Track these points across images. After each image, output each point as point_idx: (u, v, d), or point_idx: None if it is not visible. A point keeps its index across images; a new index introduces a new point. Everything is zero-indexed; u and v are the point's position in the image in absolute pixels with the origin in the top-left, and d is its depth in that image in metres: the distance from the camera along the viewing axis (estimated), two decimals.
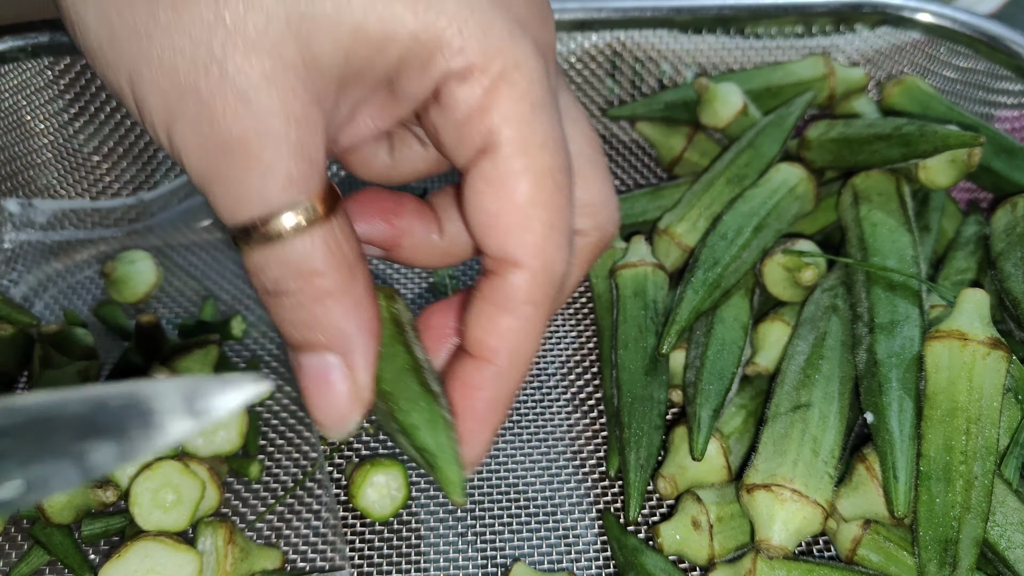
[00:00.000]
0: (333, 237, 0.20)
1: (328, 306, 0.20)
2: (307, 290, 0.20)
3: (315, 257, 0.20)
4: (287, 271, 0.20)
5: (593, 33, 0.43)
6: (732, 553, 0.32)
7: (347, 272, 0.20)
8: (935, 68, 0.45)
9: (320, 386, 0.21)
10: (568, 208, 0.21)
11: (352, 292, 0.20)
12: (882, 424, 0.31)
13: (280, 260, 0.20)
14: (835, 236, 0.42)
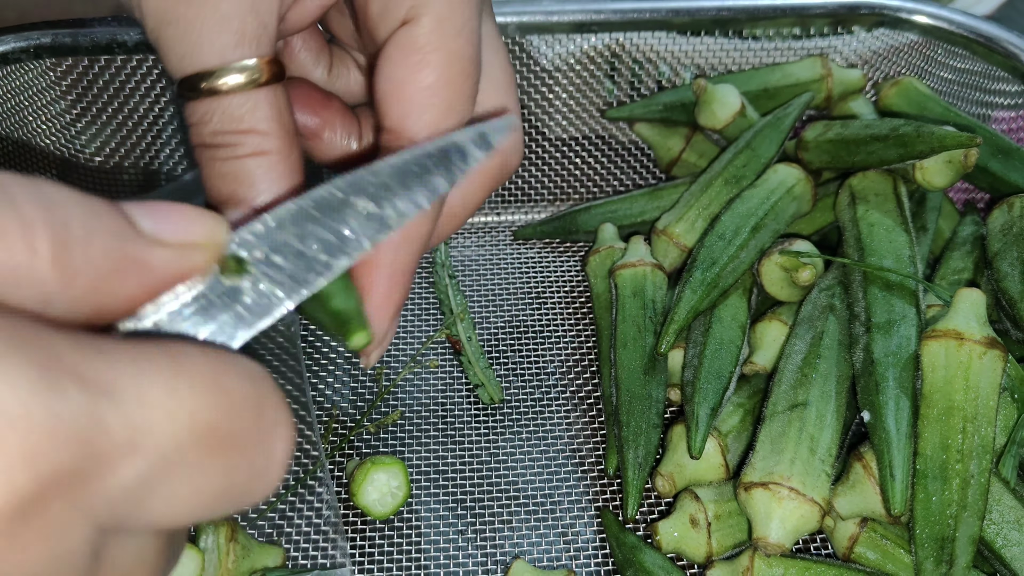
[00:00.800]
0: (277, 102, 0.20)
1: (263, 164, 0.20)
2: (247, 144, 0.20)
3: (258, 116, 0.20)
4: (229, 124, 0.20)
5: (592, 35, 0.43)
6: (730, 551, 0.32)
7: (286, 139, 0.21)
8: (932, 69, 0.45)
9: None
10: (470, 99, 0.21)
11: (288, 159, 0.21)
12: (879, 423, 0.31)
13: (224, 113, 0.20)
14: (832, 236, 0.42)
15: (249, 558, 0.31)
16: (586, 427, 0.38)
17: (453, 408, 0.39)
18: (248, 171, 0.20)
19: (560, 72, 0.45)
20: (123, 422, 0.11)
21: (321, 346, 0.41)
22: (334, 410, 0.38)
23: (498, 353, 0.41)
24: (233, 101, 0.20)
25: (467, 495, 0.35)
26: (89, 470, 0.11)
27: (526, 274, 0.45)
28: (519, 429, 0.38)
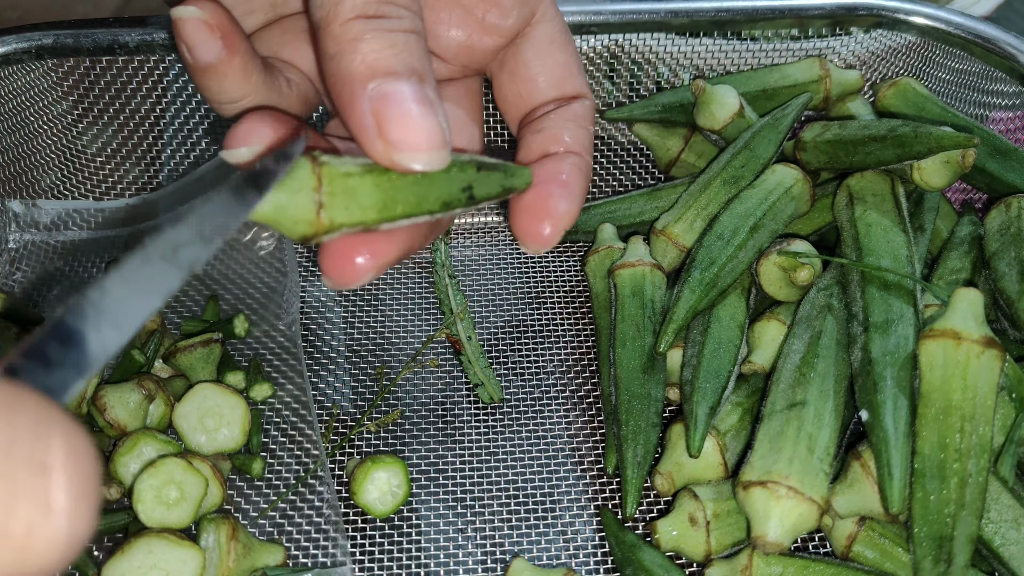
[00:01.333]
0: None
1: (417, 38, 0.21)
2: (408, 19, 0.21)
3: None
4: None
5: (591, 36, 0.43)
6: (729, 549, 0.32)
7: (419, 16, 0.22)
8: (930, 70, 0.45)
9: (422, 107, 0.20)
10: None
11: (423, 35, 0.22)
12: (877, 422, 0.31)
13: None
14: (830, 236, 0.42)
15: (250, 556, 0.31)
16: (585, 426, 0.38)
17: (453, 407, 0.39)
18: (409, 43, 0.21)
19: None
20: None
21: (321, 345, 0.41)
22: (334, 409, 0.39)
23: (498, 353, 0.41)
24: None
25: (467, 494, 0.35)
26: None
27: (526, 274, 0.45)
28: (519, 428, 0.38)
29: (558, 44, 0.26)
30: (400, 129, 0.19)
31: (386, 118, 0.19)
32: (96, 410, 0.34)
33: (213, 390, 0.35)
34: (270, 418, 0.38)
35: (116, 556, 0.30)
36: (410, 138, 0.19)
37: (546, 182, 0.24)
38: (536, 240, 0.23)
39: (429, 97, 0.20)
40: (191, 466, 0.32)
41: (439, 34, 0.25)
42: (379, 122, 0.19)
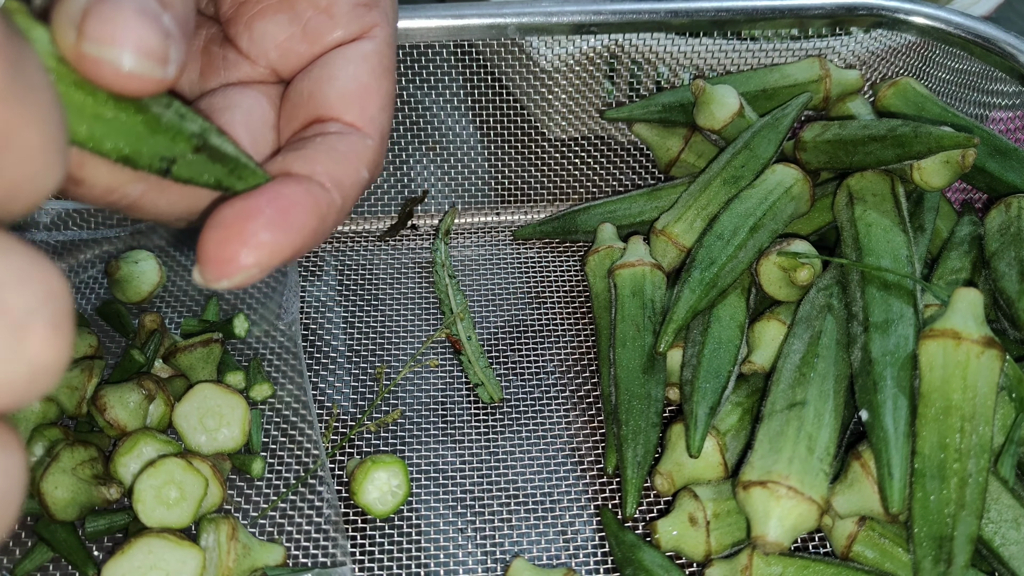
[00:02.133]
0: None
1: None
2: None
3: None
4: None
5: (591, 36, 0.43)
6: (729, 549, 0.32)
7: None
8: (929, 70, 0.45)
9: (123, 10, 0.15)
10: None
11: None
12: (877, 422, 0.31)
13: None
14: (830, 236, 0.42)
15: (250, 556, 0.31)
16: (585, 426, 0.38)
17: (453, 407, 0.39)
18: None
19: (559, 73, 0.45)
20: None
21: (322, 345, 0.41)
22: (335, 409, 0.39)
23: (498, 353, 0.41)
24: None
25: (467, 494, 0.35)
26: None
27: (526, 274, 0.45)
28: (519, 428, 0.38)
29: (372, 67, 0.22)
30: (103, 24, 0.15)
31: (86, 21, 0.15)
32: (96, 410, 0.34)
33: (213, 390, 0.35)
34: (270, 418, 0.38)
35: (116, 556, 0.30)
36: (116, 33, 0.15)
37: (259, 199, 0.18)
38: (215, 266, 0.18)
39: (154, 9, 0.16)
40: (191, 466, 0.32)
41: (255, 29, 0.22)
42: (80, 27, 0.15)
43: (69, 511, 0.32)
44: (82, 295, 0.42)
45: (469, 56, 0.45)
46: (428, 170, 0.48)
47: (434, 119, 0.48)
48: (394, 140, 0.47)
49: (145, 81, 0.15)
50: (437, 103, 0.47)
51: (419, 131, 0.47)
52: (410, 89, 0.46)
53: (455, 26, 0.42)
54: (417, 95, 0.46)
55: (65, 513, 0.32)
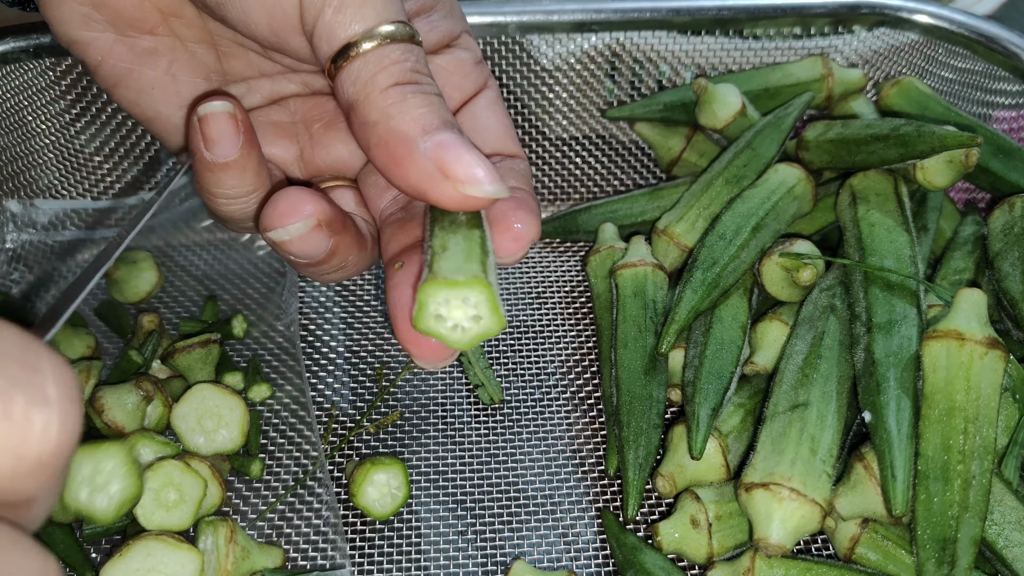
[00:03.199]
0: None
1: (442, 100, 0.24)
2: (433, 79, 0.24)
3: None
4: (422, 64, 0.24)
5: (592, 34, 0.43)
6: (731, 551, 0.32)
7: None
8: (933, 69, 0.45)
9: (472, 148, 0.22)
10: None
11: None
12: (880, 423, 0.31)
13: (419, 54, 0.24)
14: (833, 236, 0.42)
15: (249, 559, 0.31)
16: (586, 427, 0.38)
17: (453, 408, 0.39)
18: (444, 104, 0.23)
19: (560, 72, 0.45)
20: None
21: (321, 346, 0.41)
22: (334, 410, 0.38)
23: (498, 353, 0.41)
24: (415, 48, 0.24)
25: (467, 496, 0.35)
26: None
27: (526, 274, 0.45)
28: (519, 429, 0.38)
29: (501, 110, 0.28)
30: (462, 168, 0.22)
31: (447, 162, 0.22)
32: (94, 411, 0.34)
33: (211, 391, 0.35)
34: (269, 419, 0.37)
35: (114, 559, 0.29)
36: (473, 173, 0.22)
37: (510, 202, 0.25)
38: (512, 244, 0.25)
39: (470, 142, 0.23)
40: (190, 468, 0.32)
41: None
42: (442, 167, 0.22)
43: (67, 513, 0.32)
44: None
45: None
46: None
47: None
48: None
49: (504, 192, 0.22)
50: None
51: None
52: None
53: None
54: None
55: (63, 515, 0.32)
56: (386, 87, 0.22)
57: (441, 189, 0.22)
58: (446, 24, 0.28)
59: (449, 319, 0.21)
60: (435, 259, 0.22)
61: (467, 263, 0.21)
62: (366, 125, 0.23)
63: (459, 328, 0.21)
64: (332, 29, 0.23)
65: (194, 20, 0.28)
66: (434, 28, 0.28)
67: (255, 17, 0.24)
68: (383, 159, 0.23)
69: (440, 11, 0.28)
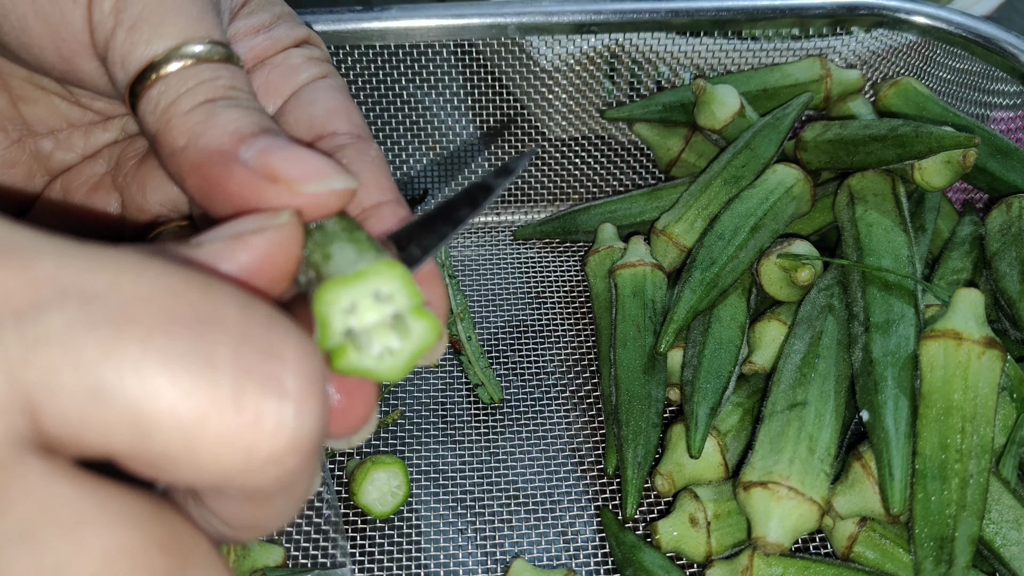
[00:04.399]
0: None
1: (263, 113, 0.20)
2: (256, 102, 0.20)
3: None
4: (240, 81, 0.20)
5: (591, 35, 0.43)
6: (729, 550, 0.32)
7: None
8: (931, 69, 0.45)
9: (300, 147, 0.19)
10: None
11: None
12: (878, 422, 0.31)
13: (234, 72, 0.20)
14: (831, 236, 0.42)
15: (250, 557, 0.31)
16: (586, 426, 0.38)
17: (453, 407, 0.39)
18: (265, 115, 0.20)
19: (560, 72, 0.45)
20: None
21: None
22: None
23: (498, 353, 0.41)
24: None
25: (467, 494, 0.35)
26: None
27: (526, 274, 0.45)
28: (519, 428, 0.38)
29: (343, 94, 0.24)
30: (295, 165, 0.18)
31: (274, 165, 0.18)
32: None
33: None
34: None
35: None
36: (309, 167, 0.18)
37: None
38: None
39: (296, 142, 0.19)
40: None
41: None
42: (270, 172, 0.18)
43: None
44: None
45: (469, 56, 0.45)
46: (428, 170, 0.48)
47: (434, 119, 0.47)
48: (394, 140, 0.47)
49: (352, 183, 0.18)
50: (437, 103, 0.47)
51: (419, 131, 0.47)
52: (410, 89, 0.46)
53: (455, 26, 0.42)
54: (417, 95, 0.46)
55: None
56: (191, 108, 0.19)
57: (271, 195, 0.18)
58: (291, 31, 0.24)
59: (367, 337, 0.16)
60: (321, 269, 0.17)
61: (361, 254, 0.17)
62: (174, 154, 0.19)
63: (386, 351, 0.16)
64: (126, 52, 0.19)
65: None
66: (277, 39, 0.24)
67: (38, 38, 0.20)
68: (200, 187, 0.19)
69: (283, 24, 0.24)
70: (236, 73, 0.20)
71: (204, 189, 0.19)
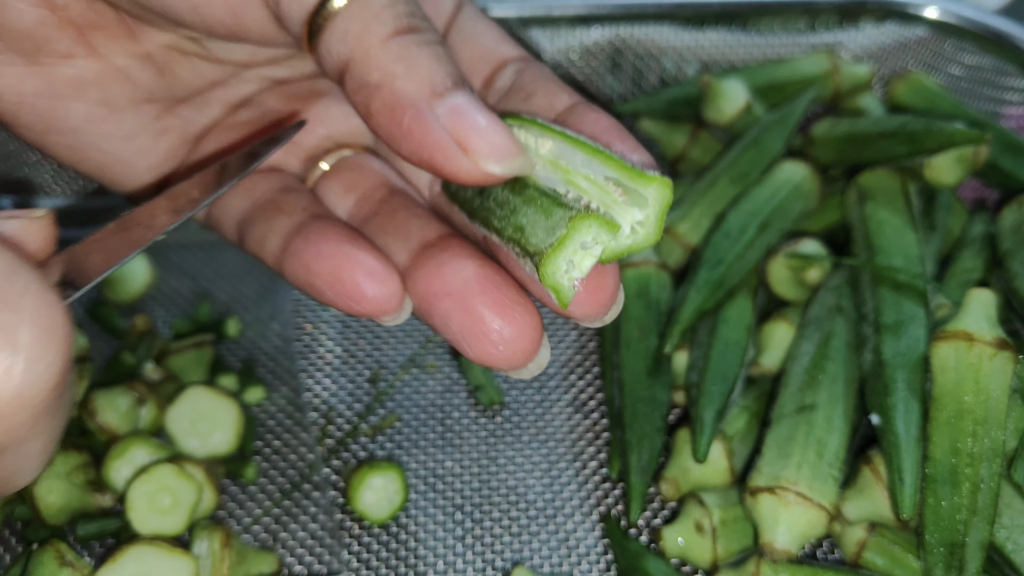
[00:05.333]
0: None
1: (445, 47, 0.21)
2: (433, 26, 0.21)
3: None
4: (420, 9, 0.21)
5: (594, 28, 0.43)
6: (736, 557, 0.32)
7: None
8: (941, 64, 0.44)
9: (489, 114, 0.20)
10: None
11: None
12: (888, 426, 0.30)
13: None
14: (840, 234, 0.41)
15: (243, 565, 0.31)
16: (588, 430, 0.37)
17: (452, 411, 0.38)
18: (449, 54, 0.20)
19: (562, 66, 0.44)
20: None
21: (317, 346, 0.41)
22: (330, 413, 0.38)
23: None
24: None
25: (466, 500, 0.35)
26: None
27: None
28: (519, 432, 0.37)
29: (485, 18, 0.25)
30: (481, 139, 0.19)
31: (464, 133, 0.19)
32: (86, 414, 0.34)
33: (205, 393, 0.35)
34: (264, 422, 0.37)
35: (107, 564, 0.29)
36: (495, 144, 0.19)
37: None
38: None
39: (486, 105, 0.20)
40: (184, 472, 0.32)
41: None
42: (459, 138, 0.19)
43: (61, 516, 0.32)
44: None
45: None
46: None
47: None
48: None
49: (528, 167, 0.20)
50: None
51: None
52: None
53: None
54: None
55: (56, 518, 0.32)
56: (385, 38, 0.19)
57: (458, 164, 0.19)
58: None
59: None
60: (523, 246, 0.19)
61: (551, 224, 0.19)
62: (366, 88, 0.20)
63: (636, 224, 0.19)
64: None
65: (118, 30, 0.23)
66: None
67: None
68: (388, 128, 0.20)
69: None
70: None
71: (394, 133, 0.20)
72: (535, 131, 0.21)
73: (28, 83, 0.23)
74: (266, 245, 0.23)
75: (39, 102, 0.23)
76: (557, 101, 0.23)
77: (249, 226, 0.23)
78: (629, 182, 0.19)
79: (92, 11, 0.22)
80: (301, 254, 0.22)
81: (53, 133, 0.23)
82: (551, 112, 0.23)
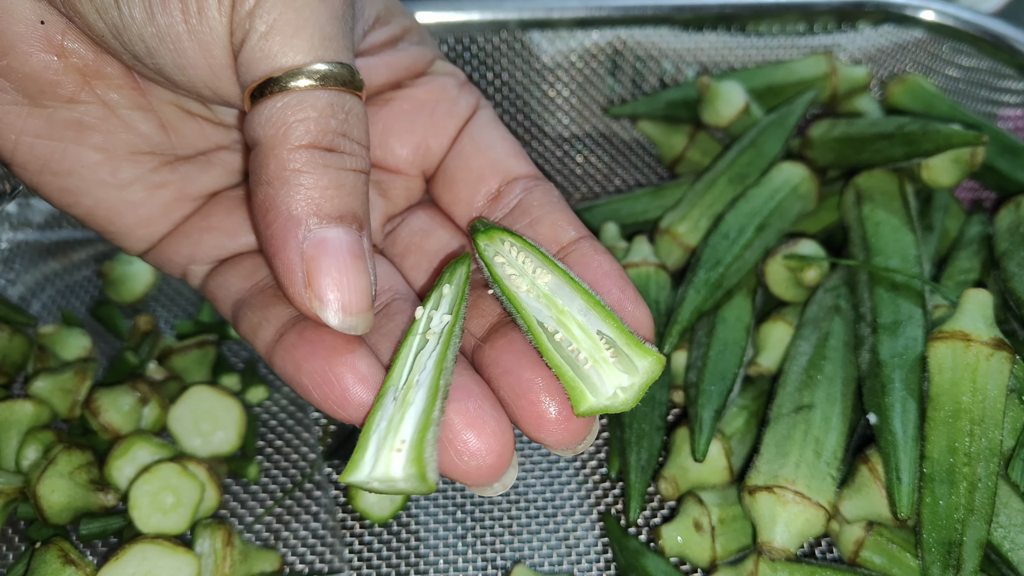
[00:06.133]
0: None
1: (364, 180, 0.21)
2: (365, 147, 0.20)
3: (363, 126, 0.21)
4: (358, 126, 0.20)
5: (594, 31, 0.43)
6: (734, 555, 0.32)
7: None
8: (938, 67, 0.44)
9: (357, 263, 0.19)
10: None
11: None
12: (885, 425, 0.30)
13: (353, 110, 0.20)
14: (838, 235, 0.41)
15: (246, 563, 0.31)
16: None
17: None
18: (362, 187, 0.20)
19: (561, 69, 0.44)
20: None
21: None
22: None
23: None
24: (350, 98, 0.20)
25: (467, 498, 0.35)
26: None
27: None
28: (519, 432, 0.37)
29: (500, 127, 0.26)
30: (331, 284, 0.19)
31: (318, 268, 0.19)
32: (89, 413, 0.34)
33: (208, 393, 0.35)
34: (266, 421, 0.37)
35: (110, 562, 0.29)
36: (342, 296, 0.19)
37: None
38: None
39: (364, 249, 0.19)
40: (187, 471, 0.32)
41: (391, 146, 0.25)
42: (310, 270, 0.19)
43: (64, 515, 0.32)
44: (76, 296, 0.42)
45: (470, 52, 0.44)
46: None
47: None
48: None
49: (362, 329, 0.20)
50: None
51: None
52: None
53: (456, 21, 0.42)
54: None
55: (59, 517, 0.32)
56: (297, 145, 0.19)
57: (296, 293, 0.19)
58: (417, 50, 0.25)
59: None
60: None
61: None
62: (258, 178, 0.19)
63: (619, 389, 0.20)
64: (254, 57, 0.19)
65: (123, 81, 0.23)
66: (403, 54, 0.25)
67: (192, 57, 0.20)
68: (258, 222, 0.20)
69: (410, 39, 0.25)
70: (354, 110, 0.20)
71: (260, 230, 0.19)
72: (537, 259, 0.21)
73: (29, 123, 0.23)
74: (260, 333, 0.22)
75: (38, 142, 0.23)
76: (563, 235, 0.23)
77: (245, 309, 0.23)
78: (625, 348, 0.20)
79: (100, 61, 0.23)
80: (293, 350, 0.21)
81: (48, 174, 0.23)
82: (555, 245, 0.23)
